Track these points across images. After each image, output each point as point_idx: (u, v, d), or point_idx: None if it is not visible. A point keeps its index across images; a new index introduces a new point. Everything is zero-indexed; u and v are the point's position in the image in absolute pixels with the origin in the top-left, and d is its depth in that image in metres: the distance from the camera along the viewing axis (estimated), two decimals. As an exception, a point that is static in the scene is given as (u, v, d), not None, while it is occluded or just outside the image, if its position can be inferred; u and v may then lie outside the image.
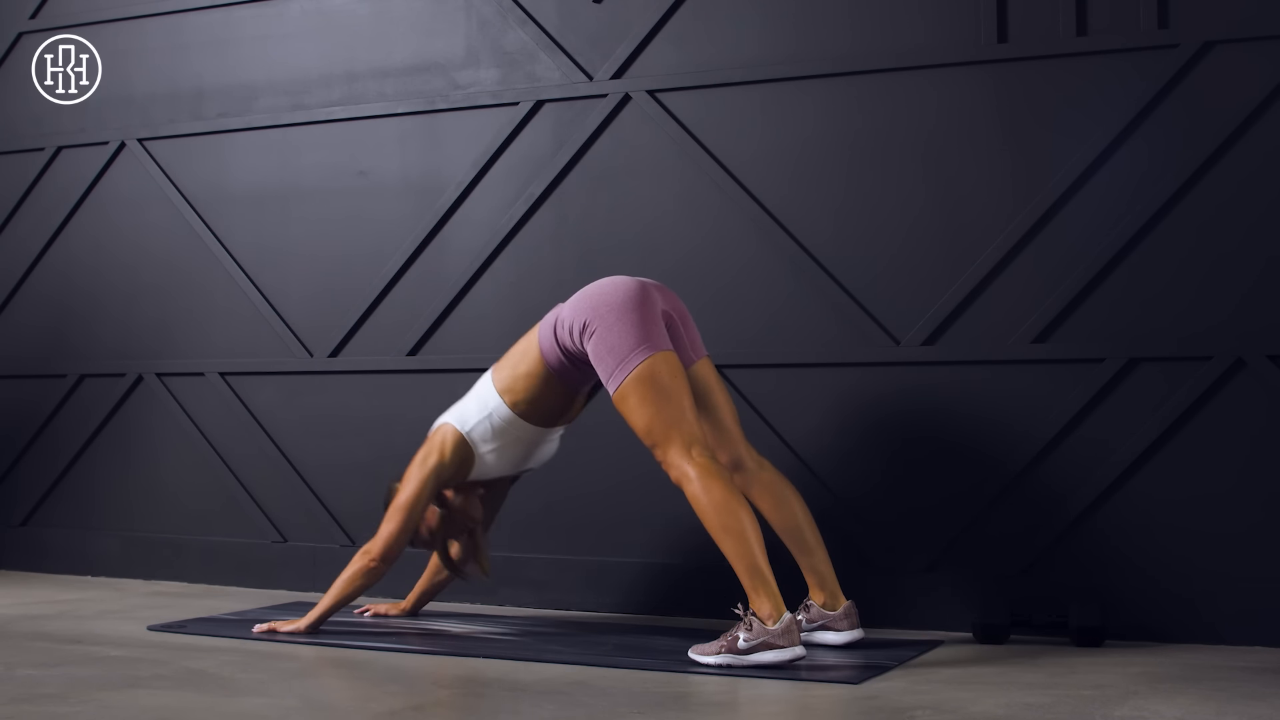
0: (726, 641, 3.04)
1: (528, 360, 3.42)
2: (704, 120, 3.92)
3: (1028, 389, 3.56)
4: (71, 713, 2.62)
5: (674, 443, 3.15)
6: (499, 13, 4.20)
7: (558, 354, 3.36)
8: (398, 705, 2.73)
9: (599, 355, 3.23)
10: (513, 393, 3.44)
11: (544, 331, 3.39)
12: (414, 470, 3.50)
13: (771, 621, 3.00)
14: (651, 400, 3.17)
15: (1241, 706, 2.64)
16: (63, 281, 4.86)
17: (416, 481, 3.47)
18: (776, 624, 3.00)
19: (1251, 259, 3.39)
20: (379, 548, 3.48)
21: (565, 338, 3.32)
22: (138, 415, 4.70)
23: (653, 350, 3.20)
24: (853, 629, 3.33)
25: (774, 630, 2.99)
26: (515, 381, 3.44)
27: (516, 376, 3.44)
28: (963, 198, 3.64)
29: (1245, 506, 3.37)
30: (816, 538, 3.38)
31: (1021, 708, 2.63)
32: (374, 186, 4.36)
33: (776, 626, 3.00)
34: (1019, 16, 3.60)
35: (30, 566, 4.83)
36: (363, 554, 3.50)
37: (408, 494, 3.47)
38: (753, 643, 2.99)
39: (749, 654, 3.00)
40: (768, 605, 3.01)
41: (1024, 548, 3.54)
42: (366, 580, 3.50)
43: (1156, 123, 3.47)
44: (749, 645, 3.00)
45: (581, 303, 3.31)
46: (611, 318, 3.23)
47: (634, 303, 3.25)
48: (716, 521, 3.08)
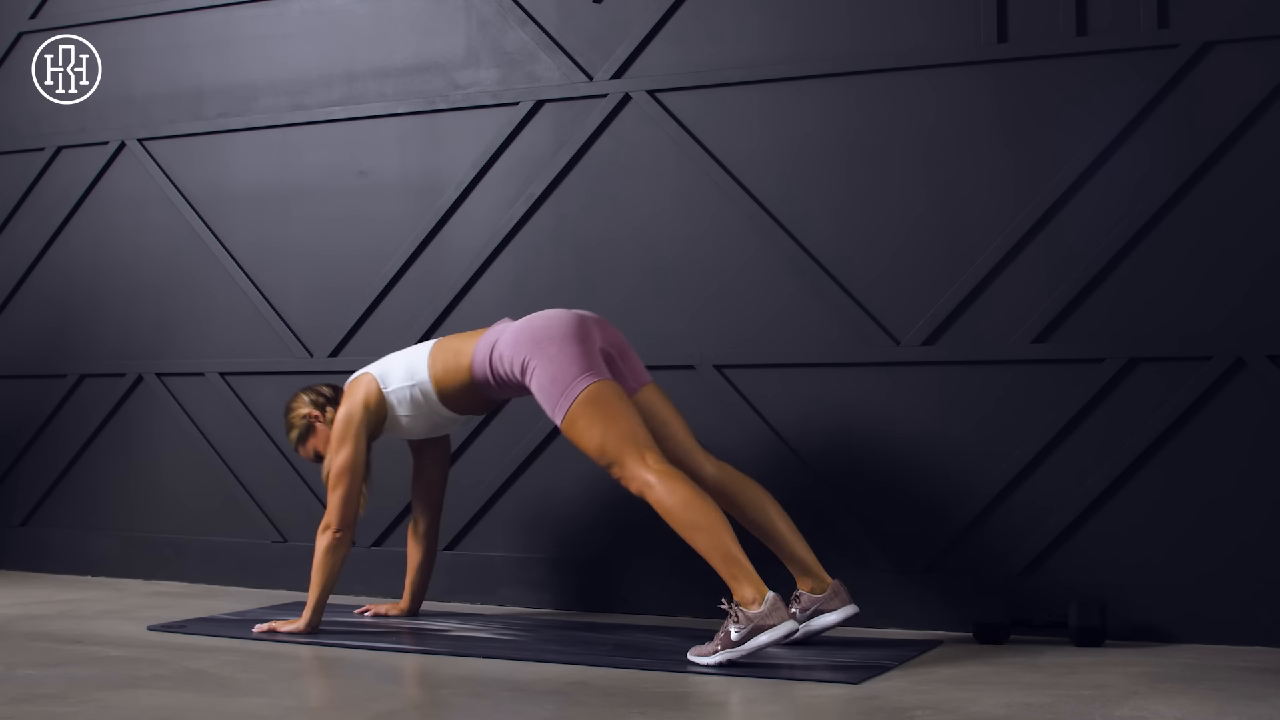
0: (720, 639, 3.04)
1: (460, 367, 3.50)
2: (704, 120, 3.92)
3: (1028, 389, 3.56)
4: (71, 713, 2.62)
5: (628, 455, 3.19)
6: (499, 13, 4.20)
7: (488, 377, 3.46)
8: (398, 705, 2.73)
9: (543, 388, 3.30)
10: (440, 382, 3.53)
11: (479, 355, 3.45)
12: (340, 429, 3.55)
13: (756, 605, 3.01)
14: (600, 420, 3.22)
15: (1241, 706, 2.64)
16: (63, 281, 4.86)
17: (348, 442, 3.53)
18: (761, 606, 3.01)
19: (1252, 259, 3.39)
20: (335, 517, 3.52)
21: (503, 370, 3.40)
22: (138, 415, 4.70)
23: (594, 377, 3.26)
24: (845, 605, 3.34)
25: (760, 613, 3.00)
26: (446, 374, 3.52)
27: (448, 370, 3.52)
28: (963, 198, 3.64)
29: (1245, 506, 3.37)
30: (790, 527, 3.39)
31: (1021, 708, 2.63)
32: (374, 186, 4.36)
33: (762, 608, 3.00)
34: (1019, 16, 3.60)
35: (30, 566, 4.83)
36: (322, 530, 3.53)
37: (344, 457, 3.53)
38: (744, 631, 3.00)
39: (744, 643, 3.01)
40: (749, 590, 3.03)
41: (1024, 548, 3.54)
42: (338, 553, 3.53)
43: (1157, 123, 3.47)
44: (741, 635, 3.01)
45: (521, 339, 3.36)
46: (552, 350, 3.29)
47: (573, 335, 3.32)
48: (685, 519, 3.11)
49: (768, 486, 3.52)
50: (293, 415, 3.72)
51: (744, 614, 3.01)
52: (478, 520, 4.15)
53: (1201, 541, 3.40)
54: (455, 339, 3.59)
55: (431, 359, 3.55)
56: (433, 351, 3.56)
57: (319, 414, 3.69)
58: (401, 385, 3.56)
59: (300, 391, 3.76)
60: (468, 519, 4.14)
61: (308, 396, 3.72)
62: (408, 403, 3.57)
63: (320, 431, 3.69)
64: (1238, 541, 3.36)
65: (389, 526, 4.23)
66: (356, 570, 4.24)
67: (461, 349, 3.52)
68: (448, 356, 3.53)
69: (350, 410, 3.57)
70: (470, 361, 3.47)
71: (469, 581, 4.11)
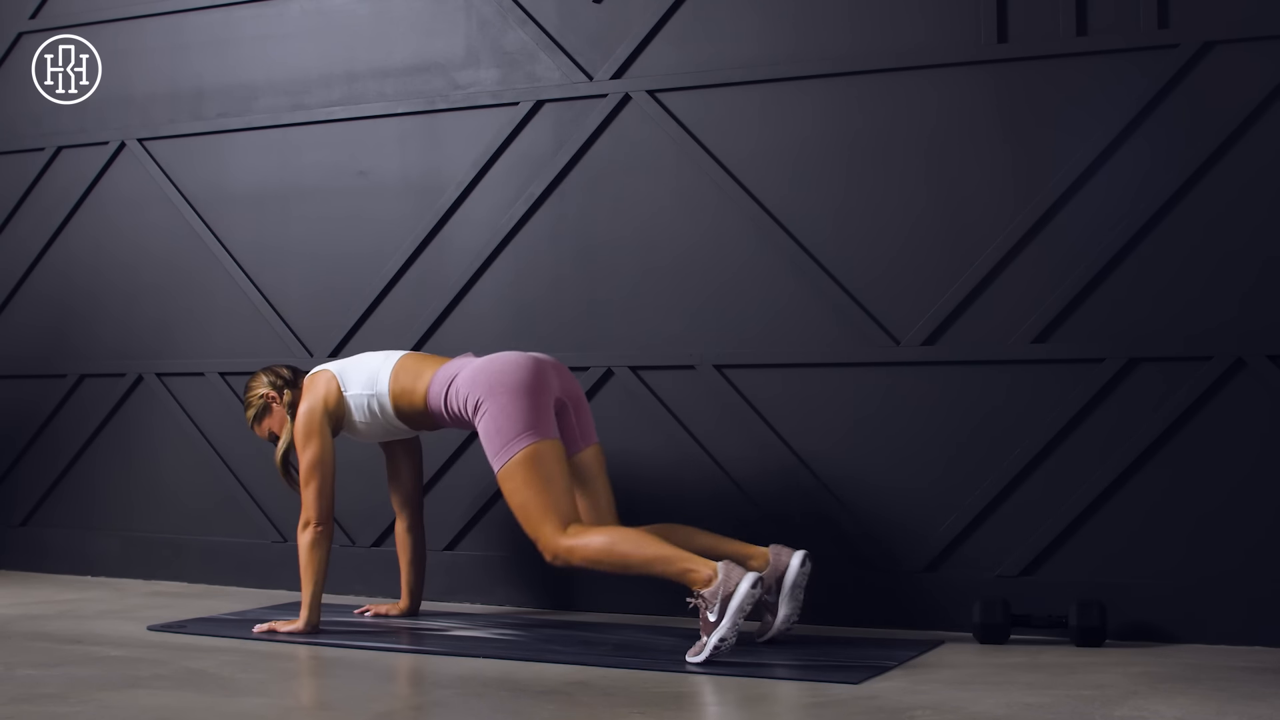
0: (704, 628, 3.09)
1: (416, 392, 3.55)
2: (704, 120, 3.92)
3: (1028, 389, 3.56)
4: (71, 713, 2.62)
5: (547, 525, 3.28)
6: (499, 13, 4.20)
7: (441, 409, 3.52)
8: (398, 705, 2.73)
9: (487, 433, 3.37)
10: (396, 400, 3.59)
11: (435, 387, 3.51)
12: (304, 426, 3.58)
13: (713, 580, 3.08)
14: (530, 484, 3.30)
15: (1241, 706, 2.64)
16: (63, 281, 4.86)
17: (314, 438, 3.57)
18: (717, 576, 3.08)
19: (1252, 259, 3.39)
20: (313, 513, 3.55)
21: (456, 405, 3.46)
22: (138, 415, 4.70)
23: (537, 437, 3.34)
24: (794, 552, 3.34)
25: (719, 581, 3.07)
26: (403, 394, 3.58)
27: (405, 390, 3.58)
28: (963, 198, 3.64)
29: (1246, 506, 3.36)
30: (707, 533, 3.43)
31: (1021, 708, 2.63)
32: (374, 186, 4.36)
33: (719, 578, 3.07)
34: (1019, 16, 3.60)
35: (30, 566, 4.83)
36: (302, 528, 3.56)
37: (311, 453, 3.57)
38: (716, 607, 3.06)
39: (723, 617, 3.06)
40: (701, 571, 3.11)
41: (1024, 548, 3.54)
42: (321, 547, 3.55)
43: (1157, 123, 3.46)
44: (717, 613, 3.06)
45: (478, 379, 3.42)
46: (504, 399, 3.35)
47: (526, 387, 3.37)
48: (613, 559, 3.22)
49: (768, 486, 3.50)
50: (251, 394, 3.76)
51: (707, 594, 3.08)
52: (478, 520, 4.15)
53: (1202, 541, 3.39)
54: (419, 360, 3.63)
55: (394, 375, 3.60)
56: (396, 367, 3.61)
57: (276, 395, 3.72)
58: (360, 393, 3.61)
59: (260, 371, 3.79)
60: (468, 519, 4.14)
61: (266, 377, 3.75)
62: (364, 410, 3.62)
63: (275, 413, 3.72)
64: (1238, 542, 3.36)
65: (389, 526, 4.23)
66: (357, 570, 4.25)
67: (422, 373, 3.57)
68: (407, 378, 3.58)
69: (311, 406, 3.61)
70: (426, 390, 3.54)
71: (469, 581, 4.11)
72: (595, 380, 3.99)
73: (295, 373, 3.78)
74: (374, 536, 4.27)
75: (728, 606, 3.05)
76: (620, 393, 3.97)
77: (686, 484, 3.88)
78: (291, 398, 3.70)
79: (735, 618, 3.05)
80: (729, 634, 3.05)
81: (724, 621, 3.05)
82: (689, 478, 3.88)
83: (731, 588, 3.05)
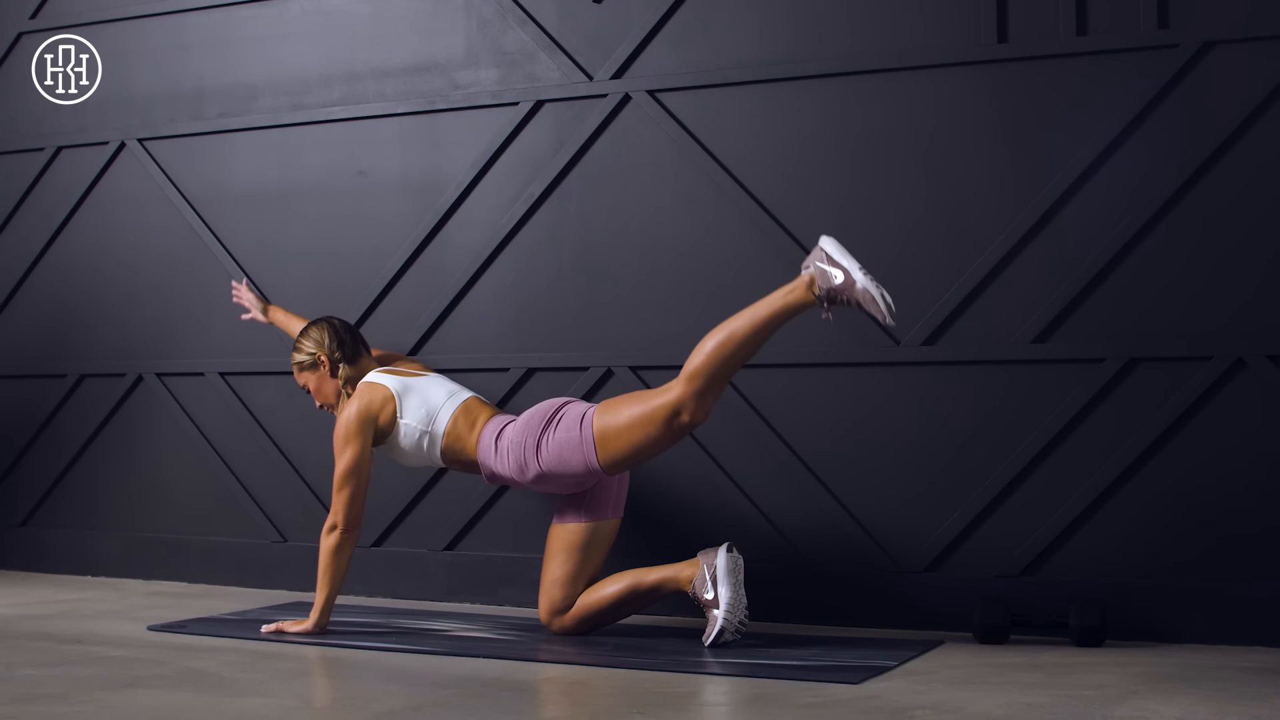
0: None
1: (469, 444, 3.56)
2: (704, 120, 3.92)
3: (1028, 389, 3.56)
4: (71, 713, 2.62)
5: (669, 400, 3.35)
6: (499, 13, 4.20)
7: (490, 469, 3.52)
8: (398, 705, 2.73)
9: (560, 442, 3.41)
10: (449, 445, 3.58)
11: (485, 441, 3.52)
12: (348, 428, 3.56)
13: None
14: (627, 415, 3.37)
15: (1241, 706, 2.64)
16: (63, 281, 4.86)
17: (354, 442, 3.55)
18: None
19: (1252, 259, 3.39)
20: (341, 517, 3.53)
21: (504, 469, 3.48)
22: (138, 415, 4.70)
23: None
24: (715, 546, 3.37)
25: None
26: (457, 440, 3.57)
27: (459, 438, 3.57)
28: (963, 198, 3.64)
29: (1245, 506, 3.37)
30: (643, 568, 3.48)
31: (1021, 708, 2.63)
32: (374, 186, 4.36)
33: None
34: (1019, 16, 3.60)
35: (30, 566, 4.83)
36: (328, 531, 3.54)
37: (349, 458, 3.54)
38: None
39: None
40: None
41: (1024, 548, 3.54)
42: (345, 553, 3.54)
43: (1157, 123, 3.47)
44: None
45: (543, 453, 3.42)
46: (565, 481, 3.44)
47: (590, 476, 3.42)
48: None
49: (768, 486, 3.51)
50: (304, 341, 3.74)
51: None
52: (478, 520, 4.15)
53: (1201, 541, 3.40)
54: (475, 407, 3.61)
55: (454, 419, 3.57)
56: (457, 412, 3.58)
57: (327, 363, 3.71)
58: (414, 424, 3.57)
59: (324, 322, 3.76)
60: (468, 519, 4.14)
61: (327, 339, 3.72)
62: (413, 441, 3.58)
63: (320, 375, 3.72)
64: (1238, 541, 3.36)
65: (389, 526, 4.24)
66: (358, 571, 4.24)
67: (476, 421, 3.56)
68: (462, 427, 3.57)
69: (362, 415, 3.56)
70: (476, 444, 3.54)
71: (469, 581, 4.11)
72: (595, 380, 3.99)
73: (355, 341, 3.75)
74: (374, 536, 4.27)
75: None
76: (620, 393, 3.97)
77: (686, 484, 3.88)
78: (347, 374, 3.70)
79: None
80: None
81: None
82: (689, 478, 3.88)
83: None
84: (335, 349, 3.71)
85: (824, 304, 3.22)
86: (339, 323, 3.78)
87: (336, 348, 3.71)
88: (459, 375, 4.07)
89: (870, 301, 3.15)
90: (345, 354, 3.72)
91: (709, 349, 3.29)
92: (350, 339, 3.75)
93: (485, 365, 4.14)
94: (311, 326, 3.77)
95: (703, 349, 3.30)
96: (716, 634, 3.27)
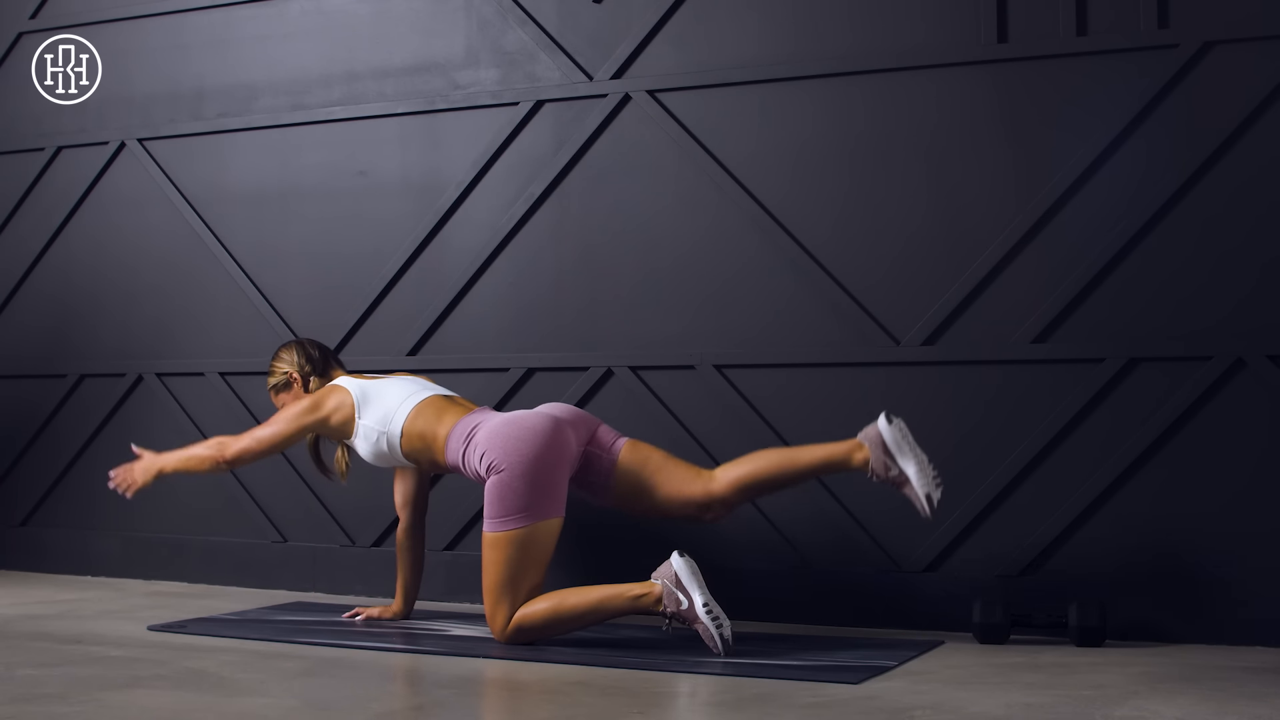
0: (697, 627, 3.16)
1: (437, 438, 3.52)
2: (704, 120, 3.92)
3: (1028, 389, 3.56)
4: (71, 713, 2.62)
5: (505, 606, 3.33)
6: (499, 13, 4.20)
7: (459, 465, 3.50)
8: (398, 705, 2.73)
9: (491, 495, 3.36)
10: (411, 442, 3.57)
11: (453, 445, 3.48)
12: (290, 412, 3.68)
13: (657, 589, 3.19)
14: (508, 565, 3.33)
15: (1241, 706, 2.64)
16: (63, 281, 4.86)
17: (294, 426, 3.66)
18: (657, 583, 3.19)
19: (1252, 259, 3.39)
20: (234, 452, 3.68)
21: (472, 462, 3.43)
22: (138, 415, 4.70)
23: (534, 519, 3.32)
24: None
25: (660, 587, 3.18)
26: (418, 439, 3.56)
27: (424, 437, 3.55)
28: (962, 198, 3.64)
29: (1245, 506, 3.37)
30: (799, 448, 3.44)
31: (1021, 708, 2.63)
32: (374, 186, 4.36)
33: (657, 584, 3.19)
34: (1019, 16, 3.60)
35: (30, 566, 4.83)
36: (218, 445, 3.69)
37: (280, 431, 3.67)
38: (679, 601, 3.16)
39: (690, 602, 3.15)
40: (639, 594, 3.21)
41: (1024, 548, 3.54)
42: (209, 468, 3.72)
43: (1157, 123, 3.47)
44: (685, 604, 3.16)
45: (495, 440, 3.38)
46: (518, 469, 3.33)
47: (541, 462, 3.34)
48: (562, 621, 3.30)
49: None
50: (276, 366, 3.84)
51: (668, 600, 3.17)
52: (478, 520, 4.14)
53: (1201, 541, 3.40)
54: (439, 405, 3.57)
55: (411, 418, 3.56)
56: (415, 410, 3.56)
57: (299, 379, 3.78)
58: (372, 426, 3.59)
59: (293, 343, 3.86)
60: (468, 519, 4.14)
61: (297, 357, 3.82)
62: (371, 443, 3.61)
63: (294, 392, 3.80)
64: (1238, 541, 3.36)
65: (389, 526, 4.23)
66: (357, 571, 4.25)
67: (443, 418, 3.53)
68: (425, 424, 3.54)
69: (310, 406, 3.66)
70: (444, 445, 3.51)
71: (469, 581, 4.11)
72: (595, 380, 3.99)
73: (325, 357, 3.84)
74: (374, 536, 4.27)
75: (687, 592, 3.16)
76: (620, 393, 3.97)
77: (686, 484, 3.87)
78: (316, 386, 3.78)
79: (692, 584, 3.16)
80: (706, 602, 3.14)
81: (691, 595, 3.15)
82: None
83: (670, 582, 3.18)
84: (304, 363, 3.80)
85: (663, 613, 3.20)
86: (307, 340, 3.89)
87: (305, 362, 3.80)
88: (459, 375, 4.07)
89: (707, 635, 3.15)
90: (315, 368, 3.80)
91: (551, 609, 3.32)
92: (319, 354, 3.84)
93: (485, 365, 4.14)
94: (281, 349, 3.87)
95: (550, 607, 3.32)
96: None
